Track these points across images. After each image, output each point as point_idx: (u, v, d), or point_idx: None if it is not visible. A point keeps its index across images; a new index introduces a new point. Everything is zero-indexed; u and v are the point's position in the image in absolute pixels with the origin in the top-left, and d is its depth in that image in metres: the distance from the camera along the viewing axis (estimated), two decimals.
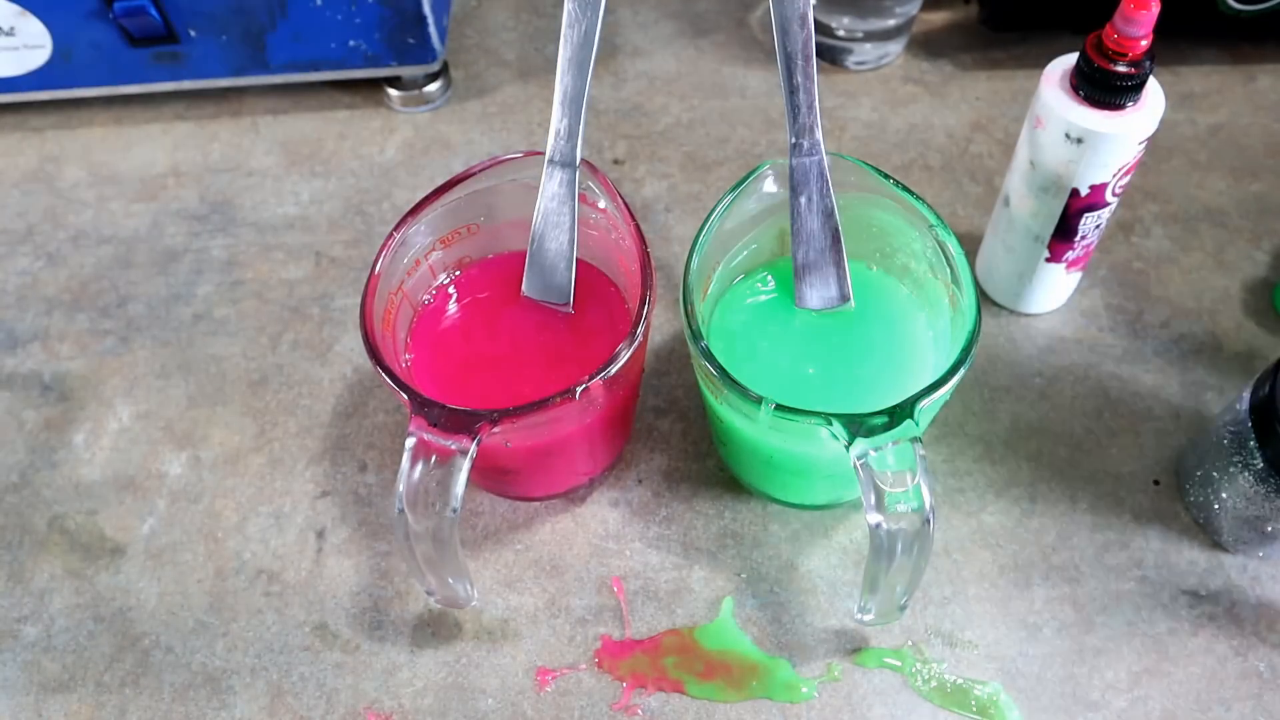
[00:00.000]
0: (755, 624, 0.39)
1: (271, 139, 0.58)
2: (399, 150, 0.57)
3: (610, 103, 0.58)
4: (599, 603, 0.40)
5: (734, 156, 0.55)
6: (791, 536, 0.42)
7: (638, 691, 0.38)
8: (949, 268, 0.37)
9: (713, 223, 0.37)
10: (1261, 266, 0.49)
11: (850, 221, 0.39)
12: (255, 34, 0.54)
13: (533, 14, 0.64)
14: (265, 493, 0.44)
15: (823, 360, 0.39)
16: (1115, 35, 0.36)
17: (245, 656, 0.40)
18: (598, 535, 0.42)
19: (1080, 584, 0.40)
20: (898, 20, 0.56)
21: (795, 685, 0.38)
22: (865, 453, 0.31)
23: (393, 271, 0.38)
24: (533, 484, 0.42)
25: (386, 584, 0.41)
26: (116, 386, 0.48)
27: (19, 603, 0.41)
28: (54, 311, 0.51)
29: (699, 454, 0.44)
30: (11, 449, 0.46)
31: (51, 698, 0.39)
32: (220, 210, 0.55)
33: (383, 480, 0.44)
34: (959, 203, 0.52)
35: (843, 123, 0.57)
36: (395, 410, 0.46)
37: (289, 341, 0.49)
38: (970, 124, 0.56)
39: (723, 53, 0.61)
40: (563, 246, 0.39)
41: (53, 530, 0.43)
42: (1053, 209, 0.41)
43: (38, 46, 0.54)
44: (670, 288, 0.49)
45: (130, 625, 0.41)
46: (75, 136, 0.59)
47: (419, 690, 0.38)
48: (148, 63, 0.55)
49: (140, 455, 0.45)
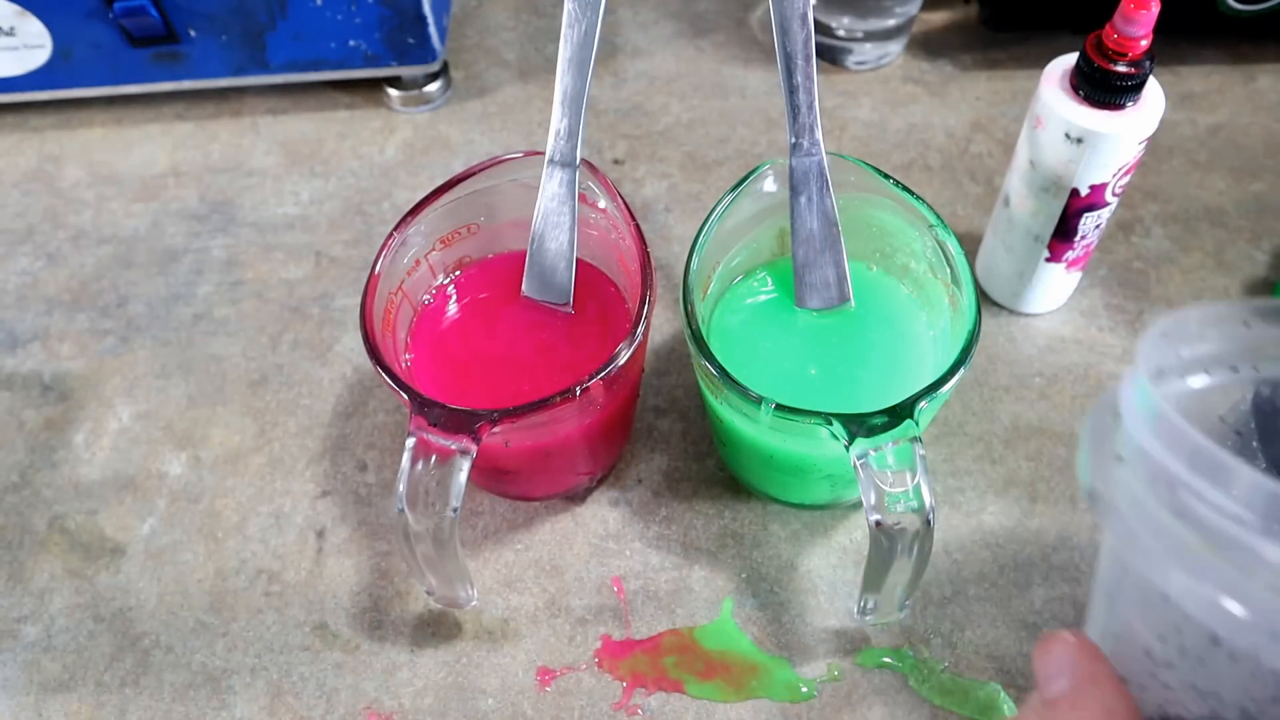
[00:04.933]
0: (755, 624, 0.39)
1: (271, 139, 0.58)
2: (399, 150, 0.57)
3: (610, 103, 0.58)
4: (599, 603, 0.40)
5: (734, 156, 0.55)
6: (791, 536, 0.42)
7: (638, 691, 0.38)
8: (949, 268, 0.37)
9: (713, 223, 0.37)
10: (1261, 266, 0.49)
11: (850, 221, 0.39)
12: (255, 34, 0.54)
13: (533, 14, 0.64)
14: (265, 493, 0.44)
15: (823, 360, 0.39)
16: (1115, 35, 0.36)
17: (245, 656, 0.40)
18: (598, 535, 0.42)
19: (1080, 584, 0.40)
20: (898, 20, 0.56)
21: (795, 685, 0.38)
22: (865, 453, 0.31)
23: (393, 271, 0.38)
24: (533, 484, 0.42)
25: (386, 584, 0.41)
26: (116, 386, 0.48)
27: (19, 603, 0.41)
28: (54, 311, 0.51)
29: (699, 454, 0.44)
30: (11, 449, 0.46)
31: (51, 698, 0.39)
32: (220, 210, 0.55)
33: (383, 480, 0.44)
34: (959, 203, 0.52)
35: (843, 123, 0.57)
36: (395, 410, 0.46)
37: (289, 341, 0.49)
38: (970, 124, 0.56)
39: (723, 53, 0.61)
40: (563, 246, 0.39)
41: (53, 530, 0.43)
42: (1053, 209, 0.41)
43: (38, 46, 0.54)
44: (670, 288, 0.49)
45: (130, 625, 0.41)
46: (75, 136, 0.59)
47: (419, 690, 0.38)
48: (148, 63, 0.55)
49: (140, 455, 0.45)
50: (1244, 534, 0.16)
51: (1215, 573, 0.17)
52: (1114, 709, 0.20)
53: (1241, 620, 0.16)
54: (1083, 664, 0.20)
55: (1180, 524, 0.18)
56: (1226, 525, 0.17)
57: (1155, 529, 0.18)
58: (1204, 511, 0.17)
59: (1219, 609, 0.16)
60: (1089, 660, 0.20)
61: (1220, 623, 0.17)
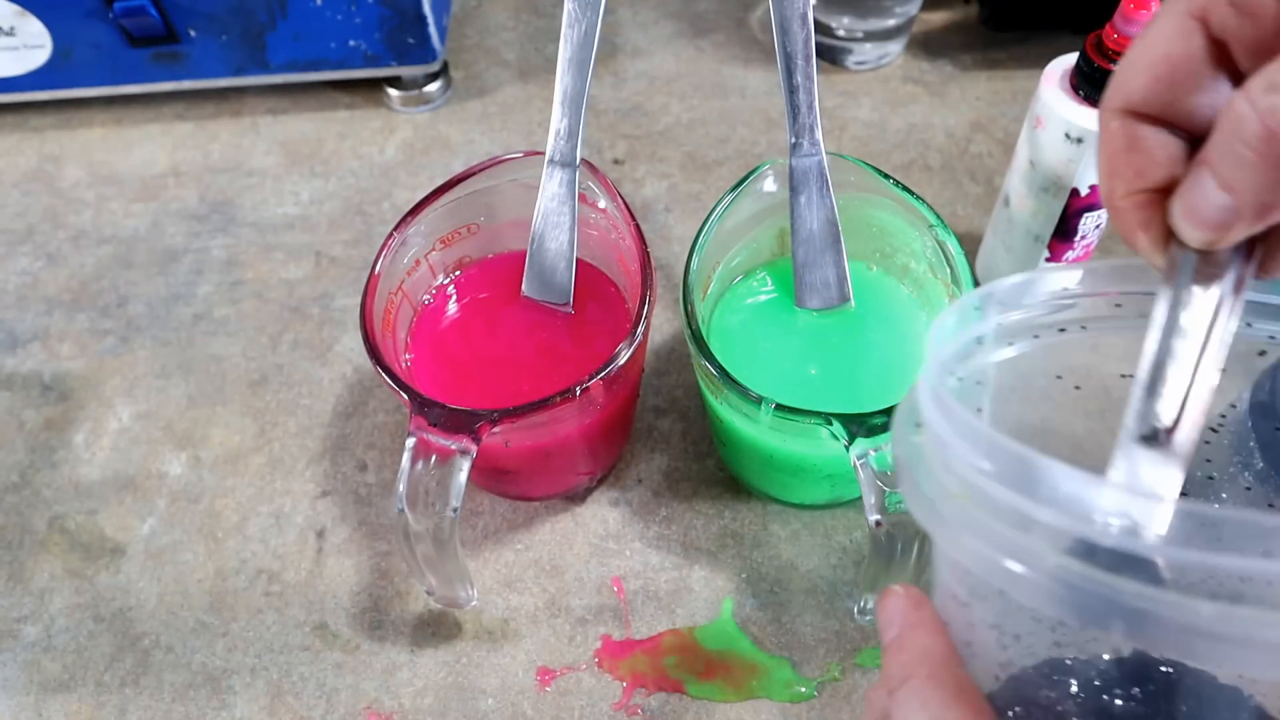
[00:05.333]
0: (755, 624, 0.39)
1: (271, 139, 0.58)
2: (399, 150, 0.57)
3: (610, 103, 0.58)
4: (599, 603, 0.40)
5: (734, 156, 0.55)
6: (791, 536, 0.42)
7: (638, 691, 0.38)
8: (949, 268, 0.37)
9: (713, 223, 0.37)
10: None
11: (850, 221, 0.39)
12: (255, 34, 0.54)
13: (533, 14, 0.64)
14: (265, 493, 0.44)
15: (823, 360, 0.39)
16: (1115, 35, 0.36)
17: (245, 656, 0.40)
18: (598, 535, 0.42)
19: None
20: (898, 20, 0.56)
21: (795, 685, 0.38)
22: (865, 453, 0.31)
23: (393, 271, 0.38)
24: (533, 484, 0.42)
25: (386, 584, 0.41)
26: (116, 386, 0.48)
27: (19, 603, 0.41)
28: (54, 311, 0.51)
29: (699, 454, 0.44)
30: (11, 449, 0.46)
31: (51, 698, 0.39)
32: (220, 210, 0.55)
33: (383, 480, 0.44)
34: (959, 203, 0.52)
35: (843, 123, 0.57)
36: (395, 410, 0.46)
37: (289, 341, 0.49)
38: (970, 124, 0.56)
39: (723, 53, 0.61)
40: (563, 246, 0.39)
41: (53, 530, 0.43)
42: (1053, 209, 0.41)
43: (38, 46, 0.54)
44: (670, 288, 0.49)
45: (130, 625, 0.41)
46: (75, 136, 0.59)
47: (419, 690, 0.38)
48: (148, 63, 0.55)
49: (140, 455, 0.45)
50: (991, 486, 0.19)
51: (986, 531, 0.19)
52: (930, 649, 0.21)
53: (1005, 569, 0.18)
54: (909, 612, 0.23)
55: (949, 478, 0.20)
56: (978, 478, 0.19)
57: (936, 489, 0.20)
58: (962, 469, 0.20)
59: (994, 564, 0.18)
60: (914, 609, 0.23)
61: (991, 574, 0.19)
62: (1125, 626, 0.17)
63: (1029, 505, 0.18)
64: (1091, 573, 0.17)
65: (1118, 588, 0.17)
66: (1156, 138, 0.21)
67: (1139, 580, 0.17)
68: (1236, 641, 0.16)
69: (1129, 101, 0.21)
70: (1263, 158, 0.18)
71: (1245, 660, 0.16)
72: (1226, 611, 0.16)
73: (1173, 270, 0.22)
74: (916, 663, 0.21)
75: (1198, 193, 0.20)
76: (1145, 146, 0.21)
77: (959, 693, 0.20)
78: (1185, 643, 0.16)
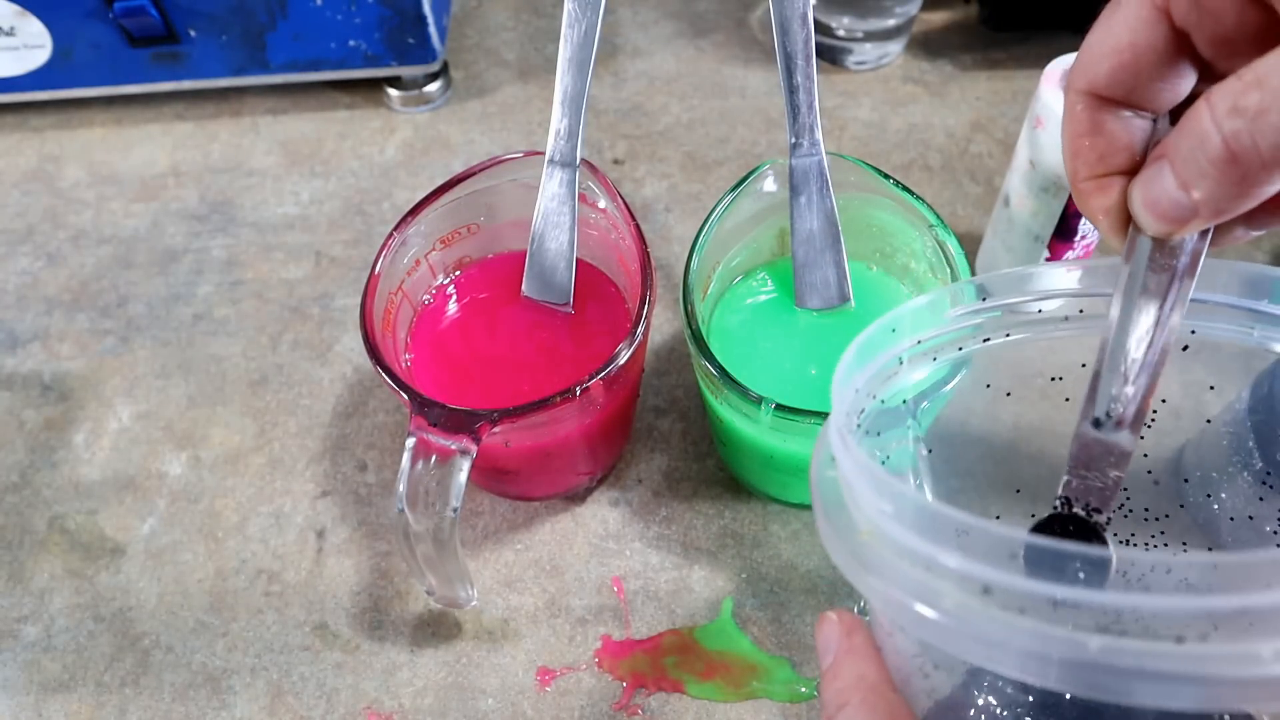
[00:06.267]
0: (755, 624, 0.39)
1: (271, 139, 0.58)
2: (399, 150, 0.57)
3: (610, 103, 0.58)
4: (599, 603, 0.40)
5: (734, 156, 0.55)
6: (791, 536, 0.42)
7: (638, 691, 0.38)
8: (949, 268, 0.37)
9: (713, 223, 0.37)
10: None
11: (850, 221, 0.39)
12: (255, 34, 0.54)
13: (533, 14, 0.64)
14: (265, 493, 0.44)
15: (823, 360, 0.39)
16: None
17: (245, 656, 0.40)
18: (598, 535, 0.42)
19: None
20: (898, 20, 0.56)
21: (795, 685, 0.38)
22: None
23: (393, 271, 0.38)
24: (533, 484, 0.42)
25: (386, 584, 0.41)
26: (116, 386, 0.48)
27: (19, 603, 0.41)
28: (54, 311, 0.51)
29: (699, 454, 0.44)
30: (11, 449, 0.46)
31: (51, 698, 0.39)
32: (220, 210, 0.55)
33: (383, 480, 0.44)
34: (959, 203, 0.52)
35: (843, 123, 0.57)
36: (395, 410, 0.46)
37: (289, 341, 0.49)
38: (970, 124, 0.56)
39: (723, 53, 0.61)
40: (563, 246, 0.39)
41: (53, 530, 0.43)
42: (1053, 209, 0.41)
43: (38, 46, 0.54)
44: (670, 288, 0.49)
45: (130, 625, 0.41)
46: (75, 136, 0.59)
47: (419, 690, 0.38)
48: (148, 63, 0.55)
49: (140, 455, 0.45)
50: (893, 526, 0.19)
51: (890, 570, 0.19)
52: (863, 675, 0.22)
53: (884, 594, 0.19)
54: (843, 639, 0.23)
55: (859, 515, 0.21)
56: (881, 519, 0.19)
57: (847, 526, 0.21)
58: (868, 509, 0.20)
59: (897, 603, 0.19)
60: (848, 635, 0.23)
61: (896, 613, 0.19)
62: (1020, 666, 0.17)
63: (929, 548, 0.18)
64: (990, 612, 0.17)
65: (1014, 626, 0.17)
66: (1119, 122, 0.22)
67: (1035, 619, 0.17)
68: (1130, 674, 0.16)
69: (1093, 85, 0.22)
70: (1224, 174, 0.19)
71: (1140, 692, 0.16)
72: (1113, 644, 0.16)
73: (1131, 250, 0.22)
74: (850, 689, 0.22)
75: (1158, 185, 0.20)
76: (1108, 130, 0.22)
77: (892, 717, 0.21)
78: (1082, 677, 0.16)
